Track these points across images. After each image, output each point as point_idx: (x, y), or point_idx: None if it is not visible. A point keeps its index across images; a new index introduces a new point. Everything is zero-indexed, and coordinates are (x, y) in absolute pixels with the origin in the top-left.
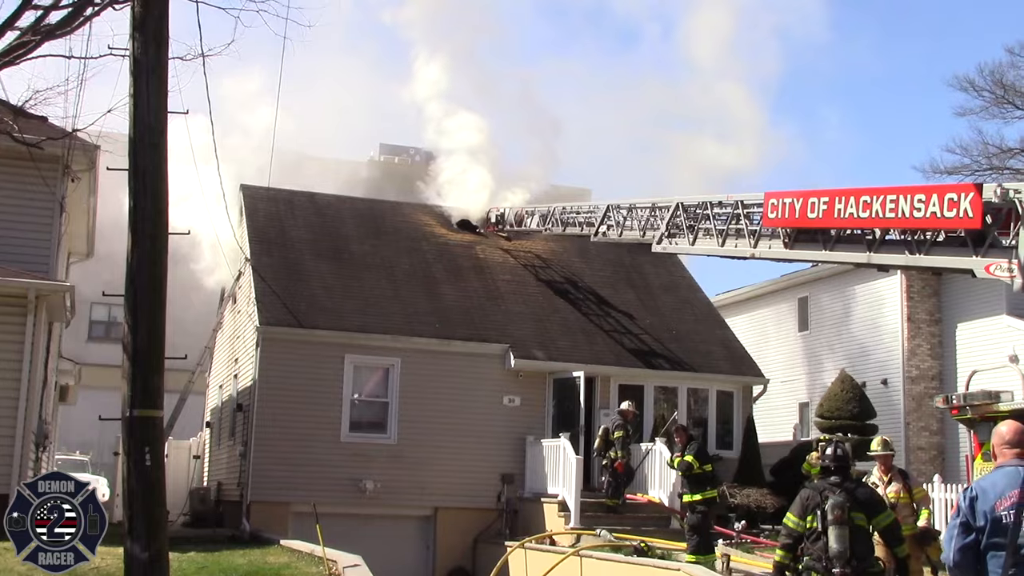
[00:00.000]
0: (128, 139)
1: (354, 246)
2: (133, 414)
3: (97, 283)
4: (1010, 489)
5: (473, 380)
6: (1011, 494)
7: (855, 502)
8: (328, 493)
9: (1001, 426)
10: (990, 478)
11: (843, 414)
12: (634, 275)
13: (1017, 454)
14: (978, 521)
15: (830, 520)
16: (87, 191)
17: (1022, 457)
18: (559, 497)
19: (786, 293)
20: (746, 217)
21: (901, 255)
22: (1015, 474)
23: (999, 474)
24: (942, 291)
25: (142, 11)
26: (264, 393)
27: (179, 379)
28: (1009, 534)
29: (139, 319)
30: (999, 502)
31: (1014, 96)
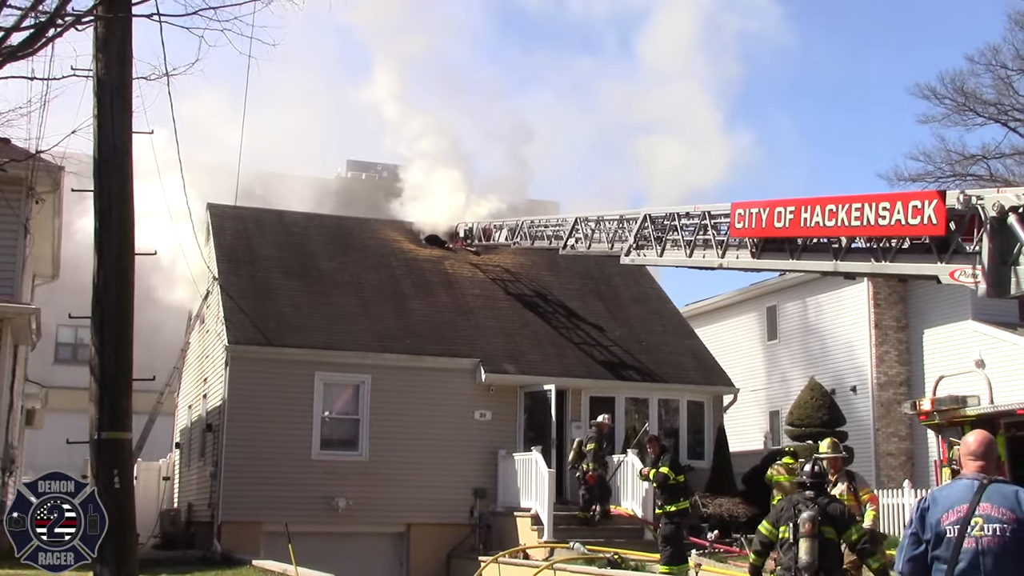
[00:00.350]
0: (93, 160)
1: (322, 263)
2: (101, 437)
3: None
4: (960, 503)
5: (444, 395)
6: (959, 508)
7: (826, 516)
8: (300, 512)
9: (968, 436)
10: (947, 489)
11: (813, 422)
12: (603, 287)
13: (979, 467)
14: (926, 533)
15: (801, 533)
16: (52, 213)
17: (984, 470)
18: (532, 511)
19: (754, 302)
20: (713, 227)
21: (867, 263)
22: (969, 488)
23: (956, 486)
24: (908, 298)
25: (105, 32)
26: (234, 412)
27: (147, 400)
28: (951, 550)
29: (106, 340)
30: (945, 515)
31: (975, 104)
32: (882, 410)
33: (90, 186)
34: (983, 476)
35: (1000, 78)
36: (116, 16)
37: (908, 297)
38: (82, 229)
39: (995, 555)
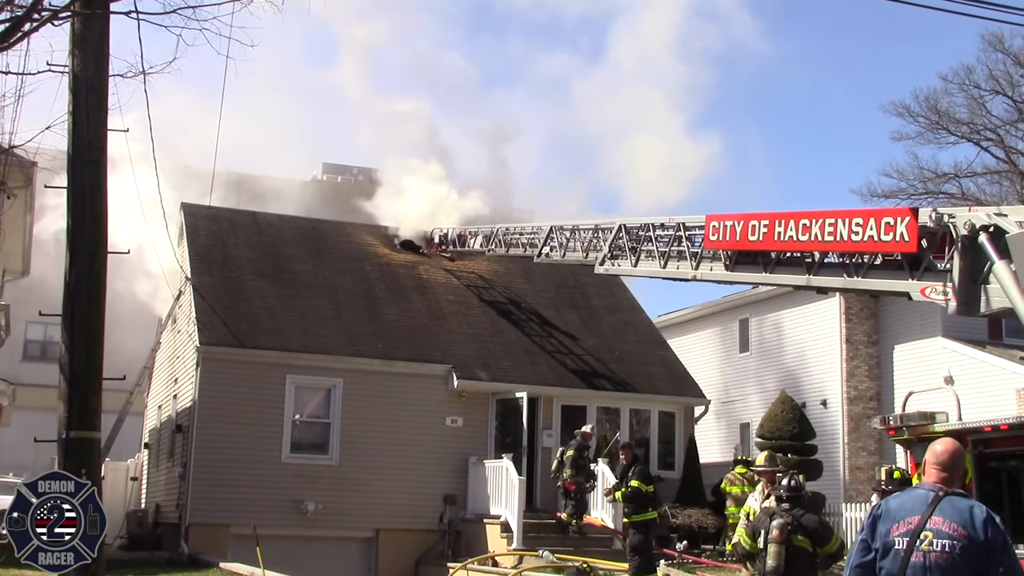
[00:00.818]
0: (67, 156)
1: (296, 266)
2: (70, 435)
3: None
4: (912, 515)
5: (416, 401)
6: (910, 520)
7: (799, 526)
8: (269, 515)
9: (937, 443)
10: (902, 497)
11: (783, 434)
12: (577, 296)
13: (941, 478)
14: (875, 542)
15: (770, 538)
16: (23, 208)
17: (945, 482)
18: (502, 518)
19: (727, 315)
20: (688, 239)
21: (839, 278)
22: (924, 499)
23: (912, 495)
24: (879, 313)
25: (82, 28)
26: (204, 413)
27: (117, 399)
28: (899, 563)
29: (76, 339)
30: (896, 526)
31: (948, 122)
32: (852, 424)
33: (63, 182)
34: (940, 488)
35: (973, 98)
36: (93, 12)
37: (879, 313)
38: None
39: (942, 572)
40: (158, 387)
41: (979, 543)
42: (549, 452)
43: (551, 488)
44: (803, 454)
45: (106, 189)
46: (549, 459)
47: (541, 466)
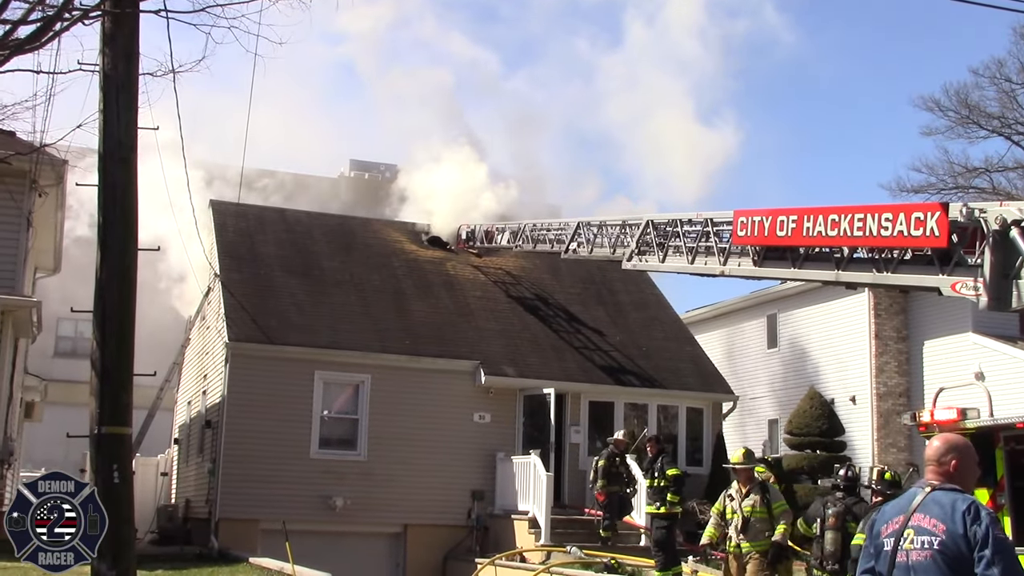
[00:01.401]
0: (98, 154)
1: (324, 262)
2: (101, 431)
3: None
4: (899, 514)
5: (443, 397)
6: (896, 519)
7: (852, 514)
8: (297, 510)
9: (935, 439)
10: (898, 498)
11: (812, 431)
12: (604, 292)
13: (935, 473)
14: (872, 546)
15: (827, 525)
16: (54, 206)
17: (942, 478)
18: (529, 514)
19: (755, 310)
20: (715, 235)
21: (868, 273)
22: (912, 496)
23: (905, 495)
24: (909, 309)
25: (112, 27)
26: (233, 409)
27: (147, 395)
28: (887, 565)
29: (108, 335)
30: (885, 527)
31: (978, 116)
32: (881, 421)
33: (94, 180)
34: (929, 484)
35: (1004, 91)
36: (123, 11)
37: (909, 308)
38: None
39: (925, 570)
40: (188, 383)
41: (958, 536)
42: (577, 448)
43: (579, 484)
44: (832, 451)
45: (136, 187)
46: (577, 455)
47: (568, 462)
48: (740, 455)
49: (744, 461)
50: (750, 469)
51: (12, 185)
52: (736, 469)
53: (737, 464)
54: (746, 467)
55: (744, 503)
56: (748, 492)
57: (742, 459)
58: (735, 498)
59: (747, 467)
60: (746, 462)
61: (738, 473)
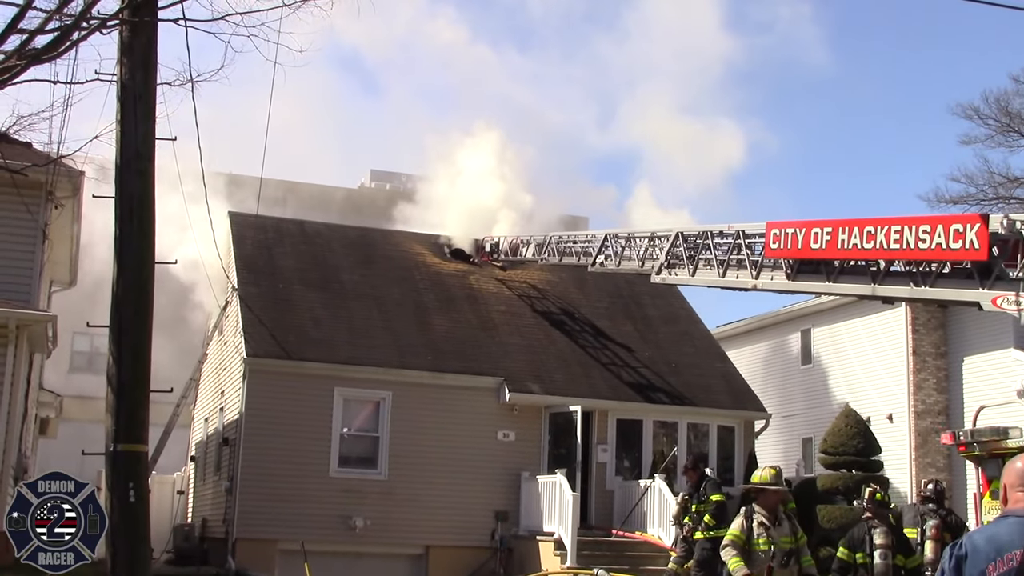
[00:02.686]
0: (115, 166)
1: (344, 275)
2: (117, 448)
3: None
4: (1013, 548)
5: (466, 414)
6: (1011, 555)
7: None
8: (317, 530)
9: (1017, 460)
10: (988, 530)
11: (847, 450)
12: (632, 306)
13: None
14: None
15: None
16: (71, 218)
17: None
18: (555, 535)
19: (788, 325)
20: (747, 247)
21: (906, 287)
22: (1020, 527)
23: (1002, 525)
24: (948, 324)
25: (130, 36)
26: (251, 427)
27: (163, 412)
28: None
29: (124, 350)
30: (993, 565)
31: (1020, 124)
32: (919, 440)
33: (110, 191)
34: None
35: None
36: (142, 20)
37: (948, 323)
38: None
39: None
40: (205, 399)
41: None
42: (604, 468)
43: (606, 504)
44: (868, 470)
45: (154, 198)
46: (604, 474)
47: (595, 482)
48: (769, 474)
49: (773, 481)
50: (783, 491)
51: (28, 197)
52: (766, 491)
53: (768, 485)
54: (779, 488)
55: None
56: (778, 519)
57: (773, 478)
58: (768, 526)
59: (780, 488)
60: (779, 482)
61: (767, 496)
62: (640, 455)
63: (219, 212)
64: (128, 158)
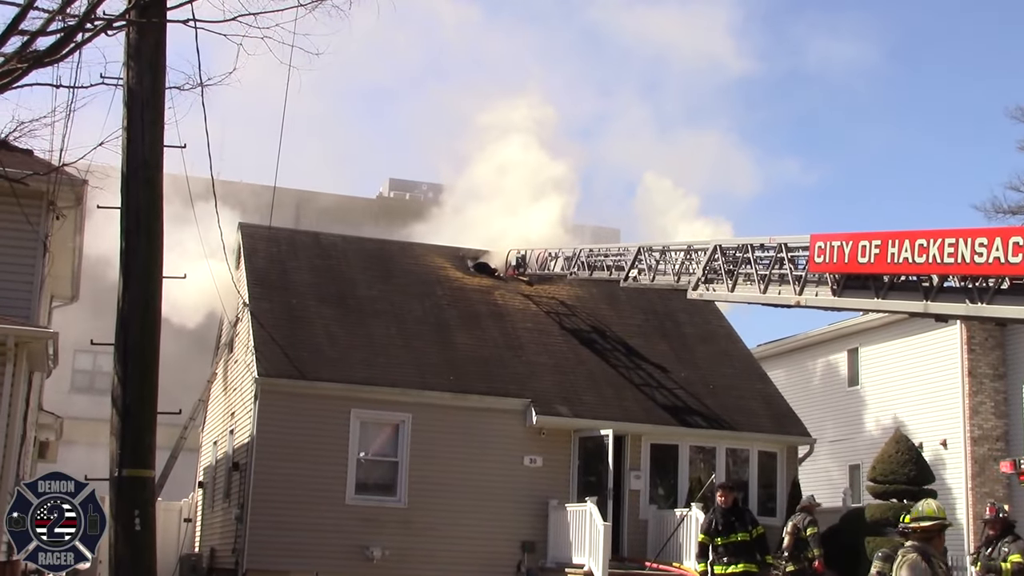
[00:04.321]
0: (120, 174)
1: (361, 290)
2: (123, 474)
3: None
4: None
5: (491, 438)
6: None
7: None
8: (332, 561)
9: None
10: None
11: (898, 478)
12: (667, 324)
13: None
14: None
15: None
16: (73, 230)
17: None
18: (585, 567)
19: (834, 344)
20: (790, 262)
21: (961, 304)
22: None
23: None
24: (1007, 343)
25: (137, 38)
26: (263, 450)
27: (170, 435)
28: None
29: (130, 370)
30: None
31: None
32: (976, 467)
33: (115, 202)
34: None
35: None
36: (150, 21)
37: (1006, 343)
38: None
39: None
40: (213, 421)
41: None
42: (637, 495)
43: (639, 534)
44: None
45: (162, 209)
46: (637, 503)
47: (628, 510)
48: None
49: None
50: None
51: (28, 207)
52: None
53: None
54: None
55: None
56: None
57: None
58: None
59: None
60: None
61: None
62: (676, 482)
63: (229, 223)
64: (135, 167)
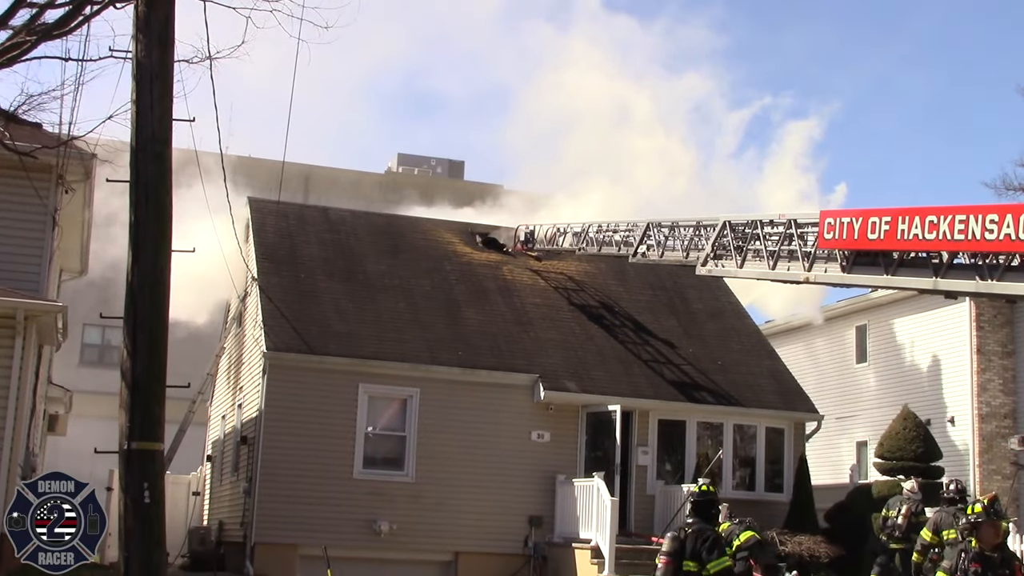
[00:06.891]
0: (130, 148)
1: (370, 265)
2: (132, 447)
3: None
4: None
5: (499, 413)
6: None
7: None
8: (339, 535)
9: None
10: None
11: (905, 455)
12: (676, 300)
13: None
14: None
15: None
16: (82, 203)
17: None
18: (592, 542)
19: (843, 321)
20: (800, 238)
21: (971, 281)
22: None
23: None
24: (1016, 320)
25: (146, 10)
26: (271, 425)
27: (178, 408)
28: None
29: (139, 344)
30: None
31: None
32: (984, 444)
33: (124, 176)
34: None
35: None
36: None
37: (1015, 320)
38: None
39: None
40: (222, 395)
41: None
42: (644, 471)
43: (646, 510)
44: (928, 477)
45: (171, 183)
46: (644, 478)
47: (635, 486)
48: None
49: None
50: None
51: (37, 181)
52: None
53: None
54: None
55: None
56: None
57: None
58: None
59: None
60: None
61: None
62: (683, 458)
63: (238, 197)
64: (144, 140)
